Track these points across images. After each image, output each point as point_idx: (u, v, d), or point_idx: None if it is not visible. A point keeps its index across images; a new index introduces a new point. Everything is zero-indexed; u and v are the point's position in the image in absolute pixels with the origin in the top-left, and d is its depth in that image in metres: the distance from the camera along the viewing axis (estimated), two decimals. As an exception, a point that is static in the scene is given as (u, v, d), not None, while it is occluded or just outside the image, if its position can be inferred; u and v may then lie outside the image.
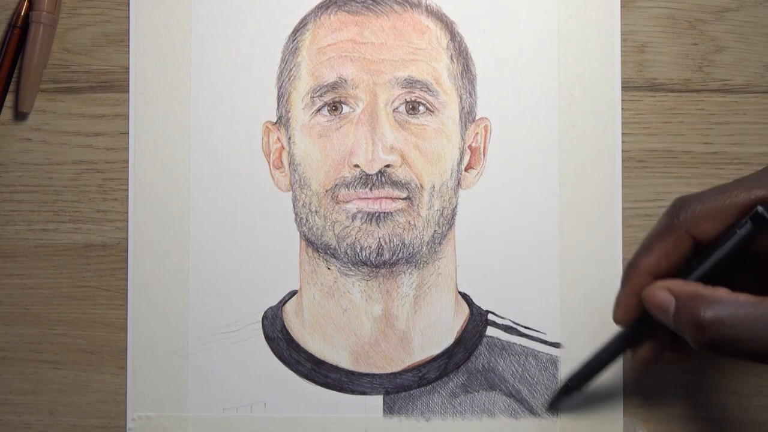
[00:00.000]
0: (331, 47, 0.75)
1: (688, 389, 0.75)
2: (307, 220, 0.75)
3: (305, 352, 0.75)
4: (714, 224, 0.61)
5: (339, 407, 0.75)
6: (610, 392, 0.74)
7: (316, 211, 0.75)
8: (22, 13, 0.75)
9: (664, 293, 0.62)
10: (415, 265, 0.75)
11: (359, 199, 0.74)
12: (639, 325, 0.65)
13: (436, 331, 0.75)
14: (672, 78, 0.76)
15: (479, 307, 0.75)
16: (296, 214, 0.75)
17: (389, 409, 0.75)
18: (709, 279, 0.62)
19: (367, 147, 0.73)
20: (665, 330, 0.63)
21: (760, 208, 0.60)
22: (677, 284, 0.62)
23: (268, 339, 0.75)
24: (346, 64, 0.74)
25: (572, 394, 0.72)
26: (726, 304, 0.58)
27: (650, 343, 0.66)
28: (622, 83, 0.76)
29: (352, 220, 0.74)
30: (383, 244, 0.74)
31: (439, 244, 0.75)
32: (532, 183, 0.75)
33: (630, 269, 0.65)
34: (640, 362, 0.67)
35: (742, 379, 0.75)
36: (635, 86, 0.76)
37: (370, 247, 0.74)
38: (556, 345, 0.75)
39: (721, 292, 0.59)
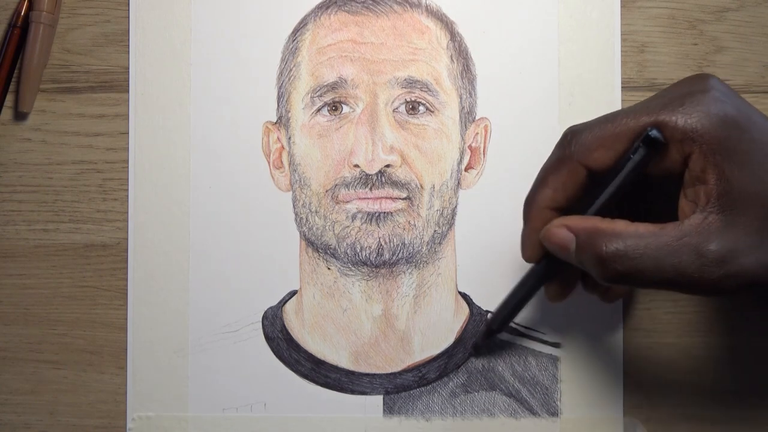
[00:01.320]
0: (331, 47, 0.75)
1: (688, 389, 0.75)
2: (307, 220, 0.75)
3: (305, 352, 0.76)
4: (606, 152, 0.61)
5: (339, 407, 0.75)
6: (610, 392, 0.74)
7: (316, 211, 0.75)
8: (22, 13, 0.75)
9: (563, 231, 0.61)
10: (415, 265, 0.75)
11: (359, 199, 0.74)
12: (549, 261, 0.65)
13: (436, 331, 0.75)
14: (672, 78, 0.76)
15: (479, 307, 0.75)
16: (296, 214, 0.75)
17: (389, 409, 0.75)
18: (607, 210, 0.62)
19: (367, 147, 0.73)
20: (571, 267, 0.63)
21: (652, 131, 0.59)
22: (575, 220, 0.61)
23: (268, 339, 0.75)
24: (346, 64, 0.74)
25: (494, 336, 0.73)
26: (626, 237, 0.58)
27: (560, 278, 0.66)
28: (622, 83, 0.76)
29: (352, 220, 0.74)
30: (383, 244, 0.74)
31: (439, 244, 0.75)
32: (532, 183, 0.75)
33: (528, 205, 0.65)
34: (551, 299, 0.67)
35: (742, 379, 0.75)
36: (635, 86, 0.76)
37: (370, 247, 0.74)
38: (556, 345, 0.75)
39: (620, 225, 0.59)
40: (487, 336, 0.72)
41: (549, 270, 0.66)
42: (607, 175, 0.61)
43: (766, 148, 0.58)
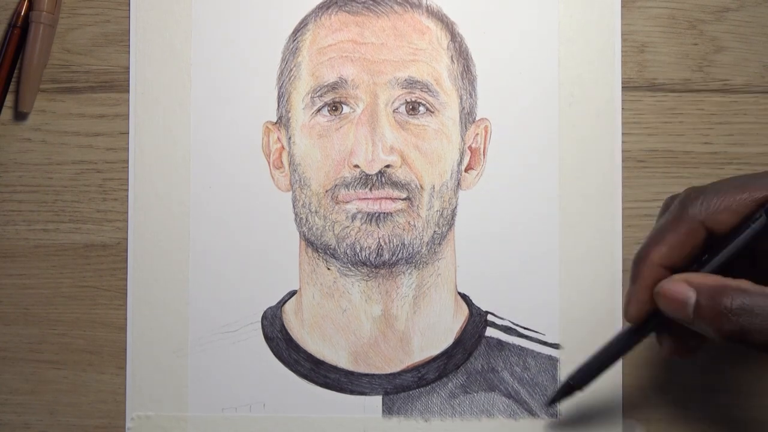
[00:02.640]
0: (332, 47, 0.75)
1: (688, 389, 0.75)
2: (306, 220, 0.75)
3: (304, 352, 0.76)
4: (730, 217, 0.60)
5: (338, 407, 0.75)
6: (610, 392, 0.74)
7: (315, 212, 0.75)
8: (22, 13, 0.75)
9: (682, 286, 0.60)
10: (415, 266, 0.75)
11: (359, 199, 0.74)
12: (646, 322, 0.64)
13: (435, 331, 0.75)
14: (672, 78, 0.76)
15: (479, 308, 0.75)
16: (296, 214, 0.75)
17: (388, 410, 0.75)
18: (719, 272, 0.61)
19: (367, 147, 0.73)
20: (671, 327, 0.63)
21: None
22: (696, 276, 0.61)
23: (268, 339, 0.75)
24: (346, 64, 0.74)
25: (574, 392, 0.71)
26: (752, 295, 0.58)
27: (663, 341, 0.65)
28: (622, 83, 0.76)
29: (352, 221, 0.74)
30: (383, 244, 0.74)
31: (439, 244, 0.75)
32: (531, 183, 0.75)
33: (640, 262, 0.63)
34: (667, 355, 0.66)
35: (742, 380, 0.75)
36: (635, 86, 0.76)
37: (369, 247, 0.74)
38: (555, 346, 0.75)
39: (745, 283, 0.59)
40: (566, 393, 0.69)
41: (643, 331, 0.65)
42: (725, 238, 0.61)
43: None
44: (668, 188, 0.75)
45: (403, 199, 0.74)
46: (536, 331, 0.75)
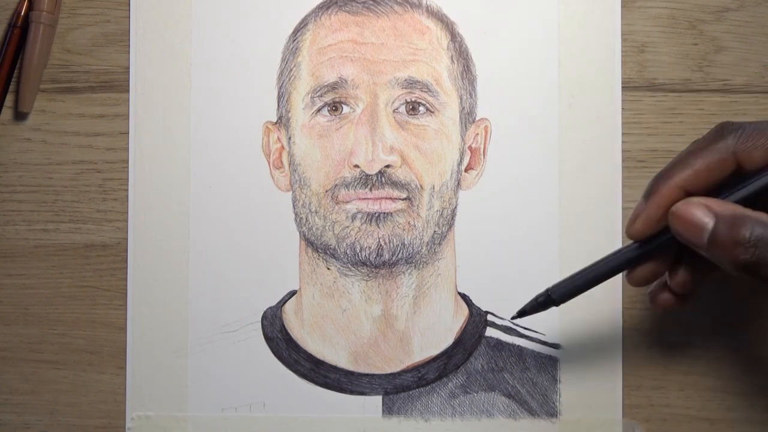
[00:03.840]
0: (332, 47, 0.75)
1: (688, 389, 0.75)
2: (306, 220, 0.75)
3: (304, 352, 0.76)
4: (764, 154, 0.59)
5: (338, 407, 0.75)
6: (609, 393, 0.74)
7: (315, 212, 0.75)
8: (22, 13, 0.75)
9: (702, 209, 0.59)
10: (415, 266, 0.75)
11: (359, 199, 0.74)
12: (647, 244, 0.63)
13: (435, 331, 0.75)
14: (672, 78, 0.76)
15: (479, 308, 0.75)
16: (296, 214, 0.75)
17: (388, 410, 0.75)
18: (747, 202, 0.60)
19: (367, 147, 0.73)
20: (670, 254, 0.62)
21: None
22: (716, 203, 0.59)
23: (268, 339, 0.75)
24: (346, 64, 0.74)
25: (549, 306, 0.67)
26: None
27: (650, 264, 0.64)
28: (622, 83, 0.76)
29: (352, 221, 0.74)
30: (383, 244, 0.74)
31: (439, 244, 0.75)
32: (532, 184, 0.75)
33: (659, 180, 0.61)
34: (635, 282, 0.64)
35: (742, 380, 0.75)
36: (635, 86, 0.76)
37: (369, 247, 0.74)
38: (555, 346, 0.75)
39: (766, 216, 0.58)
40: (542, 306, 0.67)
41: (642, 253, 0.63)
42: (753, 174, 0.60)
43: None
44: (668, 188, 0.75)
45: (403, 199, 0.74)
46: (536, 332, 0.75)
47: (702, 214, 0.59)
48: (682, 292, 0.64)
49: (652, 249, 0.63)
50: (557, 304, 0.66)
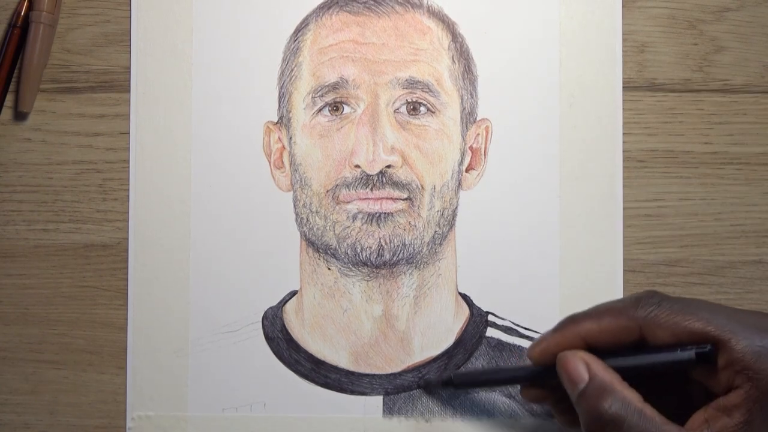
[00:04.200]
0: (333, 47, 0.75)
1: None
2: (307, 220, 0.75)
3: (305, 352, 0.75)
4: (665, 337, 0.61)
5: (339, 407, 0.75)
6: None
7: (316, 212, 0.75)
8: (22, 13, 0.74)
9: (582, 366, 0.62)
10: (416, 266, 0.75)
11: (360, 199, 0.74)
12: (545, 370, 0.66)
13: (436, 331, 0.75)
14: (672, 78, 0.76)
15: (479, 308, 0.75)
16: (297, 215, 0.75)
17: (389, 410, 0.75)
18: (631, 372, 0.63)
19: (368, 147, 0.73)
20: (563, 390, 0.64)
21: (709, 348, 0.60)
22: (599, 365, 0.62)
23: (268, 339, 0.75)
24: (347, 64, 0.74)
25: (447, 388, 0.73)
26: (633, 410, 0.59)
27: (544, 391, 0.67)
28: (622, 83, 0.76)
29: (353, 221, 0.74)
30: (383, 244, 0.74)
31: (440, 244, 0.75)
32: (532, 184, 0.75)
33: (570, 322, 0.65)
34: (526, 397, 0.69)
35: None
36: (635, 86, 0.76)
37: (370, 247, 0.74)
38: (556, 346, 0.75)
39: (632, 396, 0.60)
40: (444, 385, 0.73)
41: (541, 378, 0.67)
42: (653, 349, 0.62)
43: None
44: (668, 188, 0.76)
45: (403, 200, 0.74)
46: (537, 332, 0.75)
47: (581, 369, 0.62)
48: (562, 425, 0.68)
49: (544, 376, 0.66)
50: (456, 388, 0.73)
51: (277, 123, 0.76)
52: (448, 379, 0.72)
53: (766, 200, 0.76)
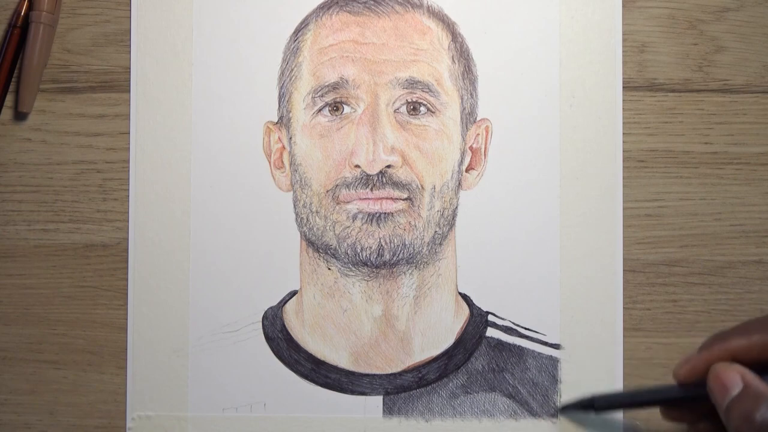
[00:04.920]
0: (333, 47, 0.75)
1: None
2: (307, 220, 0.75)
3: (305, 352, 0.76)
4: None
5: (339, 407, 0.75)
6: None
7: (316, 212, 0.75)
8: (22, 13, 0.74)
9: (735, 376, 0.61)
10: (416, 266, 0.75)
11: (360, 199, 0.74)
12: (688, 389, 0.65)
13: (436, 331, 0.75)
14: (672, 78, 0.76)
15: (479, 308, 0.75)
16: (297, 215, 0.75)
17: (389, 410, 0.75)
18: None
19: (368, 147, 0.73)
20: (705, 406, 0.64)
21: None
22: (753, 377, 0.61)
23: (268, 339, 0.75)
24: (347, 64, 0.74)
25: (588, 410, 0.72)
26: None
27: (687, 410, 0.67)
28: (622, 83, 0.76)
29: (353, 221, 0.74)
30: (383, 244, 0.74)
31: (440, 244, 0.75)
32: (532, 184, 0.75)
33: (717, 340, 0.64)
34: (667, 418, 0.68)
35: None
36: (635, 86, 0.76)
37: (370, 247, 0.74)
38: (556, 346, 0.75)
39: None
40: (584, 407, 0.72)
41: (687, 397, 0.66)
42: None
43: None
44: (668, 188, 0.76)
45: (403, 200, 0.74)
46: (537, 332, 0.75)
47: (734, 378, 0.61)
48: None
49: (690, 395, 0.65)
50: (597, 412, 0.72)
51: (277, 123, 0.76)
52: (590, 403, 0.72)
53: (766, 200, 0.76)
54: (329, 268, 0.75)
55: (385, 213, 0.74)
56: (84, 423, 0.75)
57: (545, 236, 0.75)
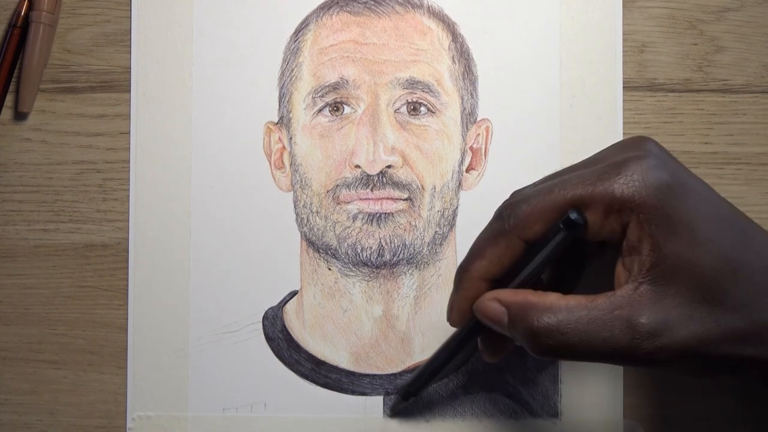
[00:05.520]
0: (333, 48, 0.75)
1: (688, 389, 0.75)
2: (308, 220, 0.75)
3: (305, 352, 0.76)
4: (543, 226, 0.59)
5: (339, 408, 0.75)
6: (610, 393, 0.74)
7: (317, 212, 0.75)
8: (22, 13, 0.74)
9: (494, 304, 0.60)
10: (416, 266, 0.75)
11: (360, 199, 0.74)
12: (474, 327, 0.64)
13: (436, 332, 0.75)
14: (672, 78, 0.76)
15: (480, 308, 0.75)
16: (297, 215, 0.75)
17: (389, 410, 0.75)
18: (541, 281, 0.62)
19: (369, 147, 0.73)
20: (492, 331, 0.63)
21: (572, 213, 0.58)
22: (506, 294, 0.60)
23: (269, 339, 0.75)
24: (347, 64, 0.74)
25: (410, 399, 0.73)
26: (557, 311, 0.57)
27: (488, 341, 0.65)
28: (622, 83, 0.76)
29: (353, 221, 0.74)
30: (384, 244, 0.74)
31: (440, 245, 0.75)
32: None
33: (461, 273, 0.63)
34: (488, 359, 0.66)
35: (741, 380, 0.75)
36: (635, 86, 0.76)
37: (370, 247, 0.74)
38: (556, 346, 0.75)
39: (552, 298, 0.58)
40: (404, 398, 0.73)
41: (473, 334, 0.65)
42: (539, 247, 0.60)
43: (702, 216, 0.57)
44: (668, 188, 0.76)
45: (404, 200, 0.74)
46: (537, 332, 0.75)
47: (495, 307, 0.60)
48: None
49: (479, 331, 0.65)
50: (415, 396, 0.73)
51: (277, 123, 0.76)
52: (405, 393, 0.72)
53: (766, 200, 0.76)
54: (330, 269, 0.75)
55: (385, 213, 0.74)
56: (84, 423, 0.75)
57: (545, 236, 0.75)
